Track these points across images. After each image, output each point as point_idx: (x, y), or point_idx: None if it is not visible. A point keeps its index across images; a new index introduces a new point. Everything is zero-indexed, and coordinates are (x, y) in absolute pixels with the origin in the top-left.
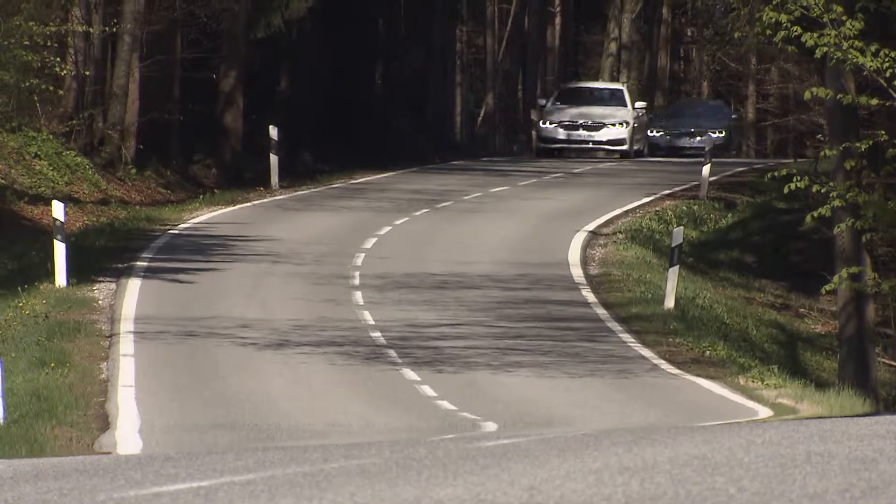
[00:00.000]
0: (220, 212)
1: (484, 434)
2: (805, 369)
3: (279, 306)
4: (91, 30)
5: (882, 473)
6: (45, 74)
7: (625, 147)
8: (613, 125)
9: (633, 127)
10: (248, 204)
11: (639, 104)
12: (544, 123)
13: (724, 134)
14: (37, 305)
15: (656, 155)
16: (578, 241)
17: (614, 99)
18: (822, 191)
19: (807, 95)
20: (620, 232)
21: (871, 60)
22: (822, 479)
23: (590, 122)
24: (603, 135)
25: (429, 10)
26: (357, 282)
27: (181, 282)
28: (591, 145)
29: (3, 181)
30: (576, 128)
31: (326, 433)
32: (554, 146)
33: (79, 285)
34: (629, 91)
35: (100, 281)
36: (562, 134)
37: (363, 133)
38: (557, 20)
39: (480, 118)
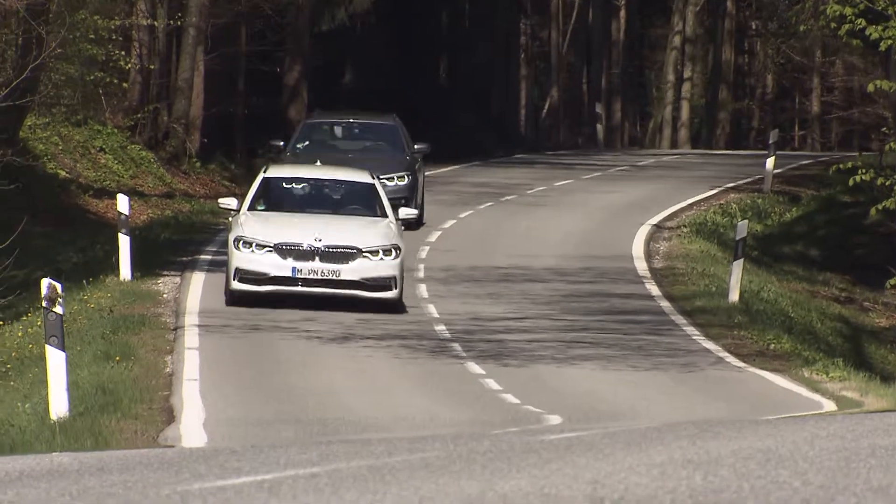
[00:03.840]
0: None
1: (548, 427)
2: (870, 363)
3: (344, 300)
4: (156, 23)
5: None
6: (110, 68)
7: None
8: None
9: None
10: None
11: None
12: (238, 246)
13: (404, 180)
14: (102, 299)
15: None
16: (643, 234)
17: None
18: (887, 183)
19: (871, 88)
20: (685, 225)
21: None
22: (887, 472)
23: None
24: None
25: (493, 3)
26: (422, 275)
27: None
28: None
29: (68, 175)
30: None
31: (391, 427)
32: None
33: (143, 279)
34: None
35: (164, 274)
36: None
37: (428, 126)
38: (622, 13)
39: (545, 111)
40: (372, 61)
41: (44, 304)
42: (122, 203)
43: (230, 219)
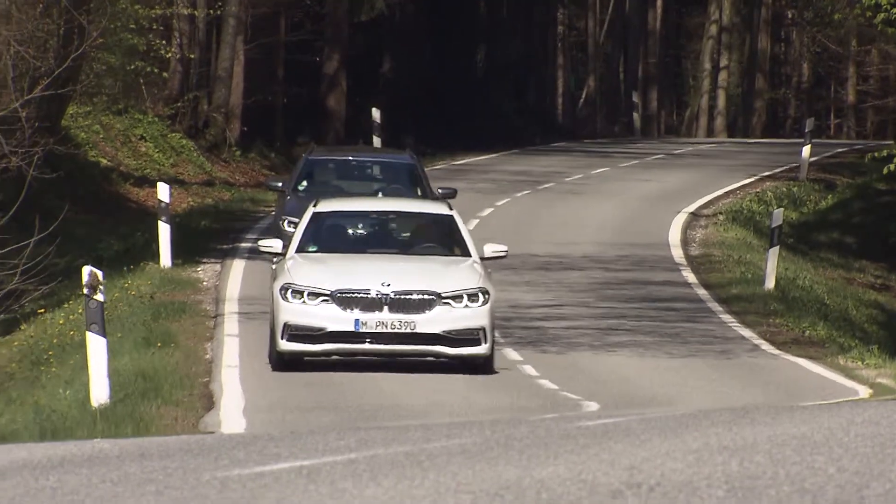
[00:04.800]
0: None
1: (585, 413)
2: None
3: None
4: (196, 13)
5: None
6: (151, 57)
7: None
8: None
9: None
10: None
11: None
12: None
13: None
14: (142, 286)
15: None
16: (679, 222)
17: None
18: None
19: None
20: (721, 213)
21: None
22: None
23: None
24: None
25: None
26: None
27: None
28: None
29: (109, 163)
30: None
31: (428, 413)
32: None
33: (183, 266)
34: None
35: (204, 262)
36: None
37: (465, 115)
38: (658, 2)
39: (582, 100)
40: (410, 50)
41: (85, 291)
42: (163, 191)
43: (273, 265)
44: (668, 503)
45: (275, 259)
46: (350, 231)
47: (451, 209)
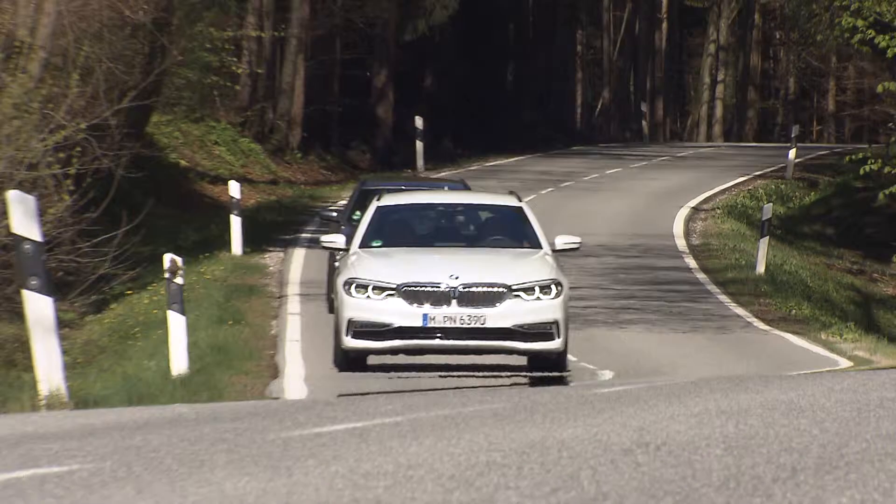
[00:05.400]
0: None
1: (600, 382)
2: (878, 326)
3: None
4: (263, 34)
5: None
6: (224, 73)
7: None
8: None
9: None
10: None
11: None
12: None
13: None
14: (216, 271)
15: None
16: (682, 215)
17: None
18: (893, 172)
19: (879, 89)
20: (718, 208)
21: None
22: (894, 421)
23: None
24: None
25: (553, 16)
26: None
27: None
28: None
29: (187, 164)
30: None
31: (465, 380)
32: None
33: (252, 254)
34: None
35: (270, 250)
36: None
37: (496, 122)
38: (664, 25)
39: (598, 110)
40: (449, 66)
41: (166, 275)
42: (234, 188)
43: (336, 261)
44: (673, 460)
45: (338, 256)
46: (415, 225)
47: (520, 200)
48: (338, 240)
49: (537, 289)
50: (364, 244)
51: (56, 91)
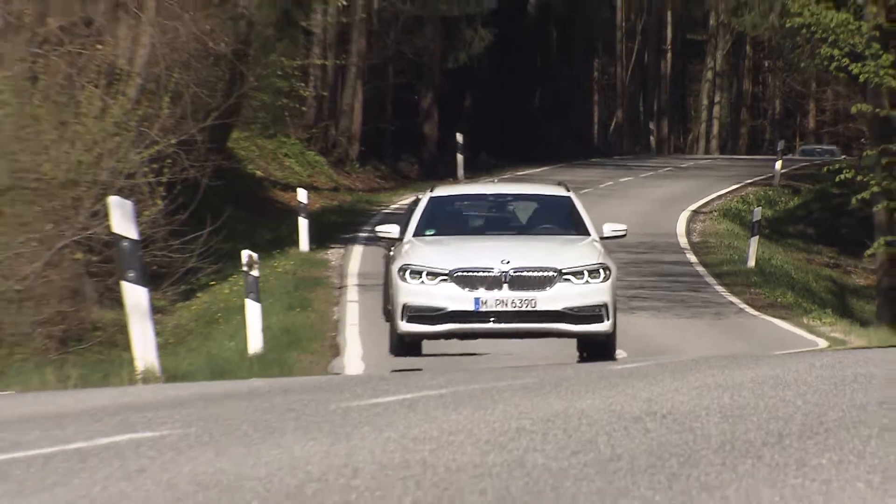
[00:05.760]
0: None
1: (615, 360)
2: (852, 312)
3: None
4: (326, 63)
5: None
6: (293, 96)
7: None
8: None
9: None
10: None
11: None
12: (405, 277)
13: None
14: (287, 265)
15: None
16: (684, 217)
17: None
18: (865, 180)
19: (853, 110)
20: (715, 211)
21: None
22: (865, 393)
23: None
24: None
25: (574, 48)
26: None
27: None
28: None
29: (262, 174)
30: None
31: (499, 359)
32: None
33: (317, 250)
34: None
35: (332, 247)
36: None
37: (525, 138)
38: (669, 55)
39: (612, 127)
40: (485, 90)
41: (244, 268)
42: (302, 195)
43: (391, 250)
44: (677, 427)
45: (392, 246)
46: (467, 214)
47: (568, 191)
48: (392, 229)
49: (586, 273)
50: (417, 233)
51: (150, 112)
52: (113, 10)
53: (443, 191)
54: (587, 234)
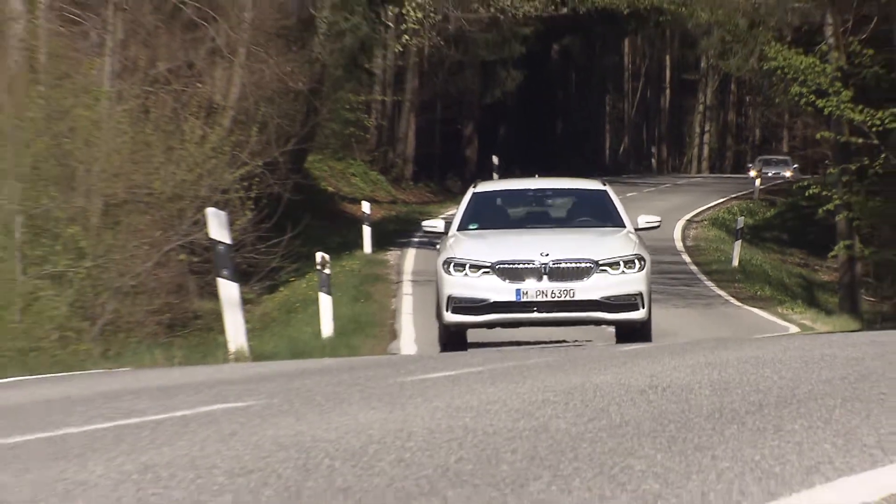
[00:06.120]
0: None
1: (623, 343)
2: (819, 303)
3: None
4: (385, 98)
5: (867, 367)
6: (358, 125)
7: (639, 314)
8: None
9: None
10: None
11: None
12: (449, 270)
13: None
14: (353, 265)
15: None
16: (680, 225)
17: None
18: (828, 194)
19: (819, 136)
20: (705, 220)
21: (858, 115)
22: (831, 370)
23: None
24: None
25: (589, 86)
26: None
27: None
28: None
29: (333, 190)
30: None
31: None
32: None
33: (378, 252)
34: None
35: (390, 250)
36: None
37: (548, 160)
38: (667, 92)
39: (620, 151)
40: (516, 121)
41: (318, 267)
42: (366, 207)
43: (437, 245)
44: (675, 398)
45: (439, 240)
46: (508, 209)
47: (604, 185)
48: (438, 224)
49: (622, 263)
50: (461, 227)
51: (241, 139)
52: (210, 55)
53: (485, 186)
54: (623, 226)
